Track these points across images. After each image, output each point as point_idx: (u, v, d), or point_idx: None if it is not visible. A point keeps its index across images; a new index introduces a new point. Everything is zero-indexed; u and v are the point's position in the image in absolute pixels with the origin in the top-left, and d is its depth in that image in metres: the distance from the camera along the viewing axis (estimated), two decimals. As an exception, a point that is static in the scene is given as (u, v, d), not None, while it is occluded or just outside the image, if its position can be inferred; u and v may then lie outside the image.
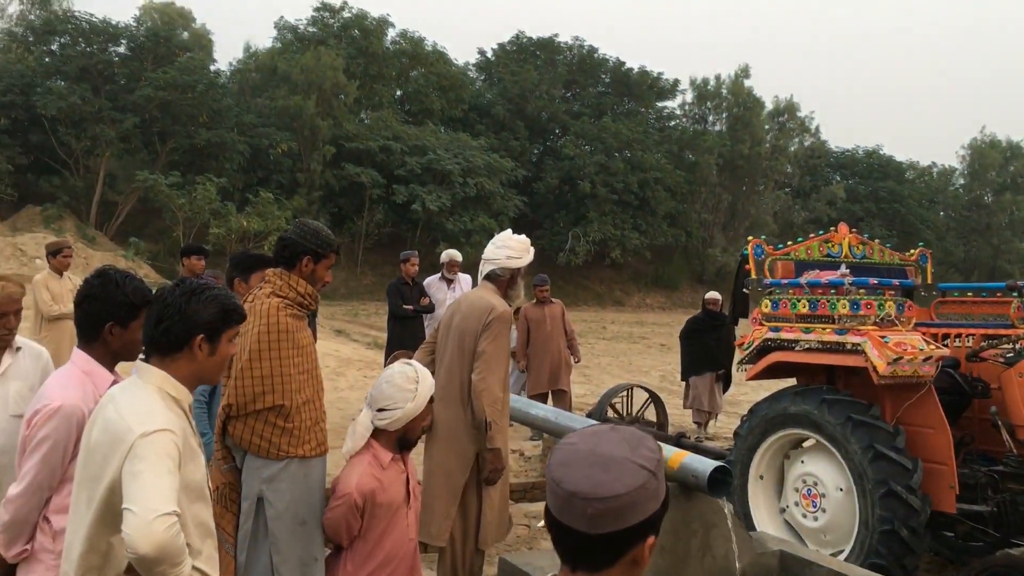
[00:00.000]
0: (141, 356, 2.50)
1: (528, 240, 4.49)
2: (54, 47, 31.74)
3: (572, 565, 1.42)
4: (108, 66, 30.83)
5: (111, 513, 2.26)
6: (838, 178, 50.95)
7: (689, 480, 3.84)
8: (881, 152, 52.27)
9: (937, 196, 53.66)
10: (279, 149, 32.18)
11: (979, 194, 54.68)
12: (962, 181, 56.24)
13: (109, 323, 2.72)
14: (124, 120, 29.64)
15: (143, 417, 2.28)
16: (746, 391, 15.11)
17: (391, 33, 39.03)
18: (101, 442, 2.30)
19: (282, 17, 39.02)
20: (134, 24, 32.54)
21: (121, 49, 31.97)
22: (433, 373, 4.43)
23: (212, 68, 35.13)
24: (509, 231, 4.57)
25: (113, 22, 31.75)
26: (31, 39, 32.21)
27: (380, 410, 3.22)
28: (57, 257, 7.91)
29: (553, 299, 10.00)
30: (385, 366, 6.04)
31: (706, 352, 10.10)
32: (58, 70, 30.47)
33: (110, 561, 2.35)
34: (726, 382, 10.34)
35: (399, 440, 3.31)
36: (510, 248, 4.39)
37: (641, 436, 1.46)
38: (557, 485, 1.39)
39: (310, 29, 37.51)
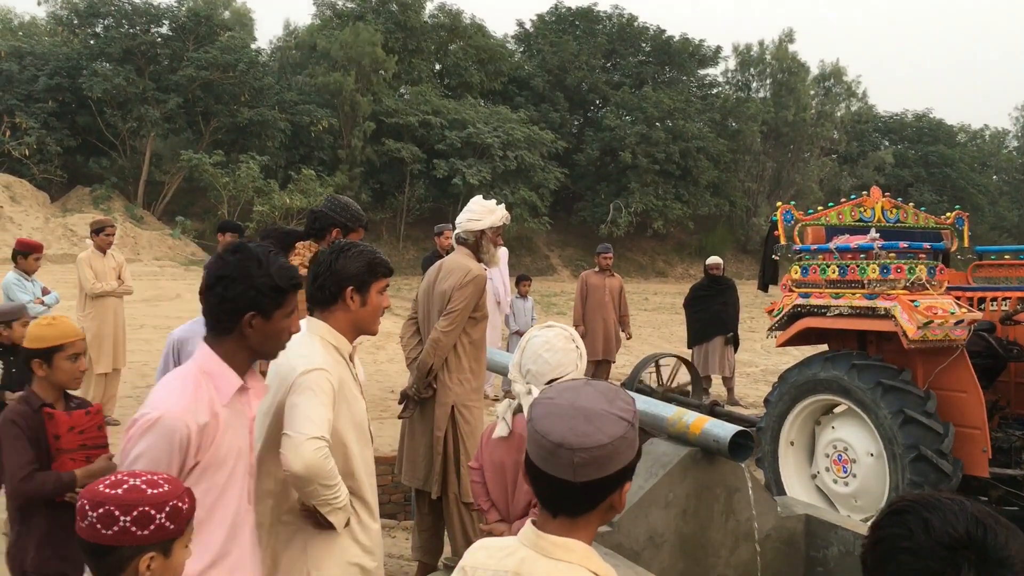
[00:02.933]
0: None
1: (493, 203, 4.64)
2: (98, 29, 32.17)
3: (554, 512, 1.50)
4: (151, 47, 31.19)
5: (277, 441, 2.56)
6: (886, 143, 49.85)
7: (711, 445, 3.86)
8: (931, 116, 50.98)
9: (989, 159, 52.27)
10: (320, 126, 32.36)
11: (1033, 156, 53.23)
12: (1015, 143, 54.74)
13: (249, 313, 2.22)
14: (168, 100, 30.01)
15: (304, 359, 2.58)
16: (761, 356, 15.04)
17: (429, 7, 38.93)
18: (272, 383, 2.61)
19: (321, -7, 39.02)
20: (175, 4, 32.85)
21: (164, 30, 32.30)
22: (419, 343, 4.58)
23: (253, 47, 35.37)
24: (478, 197, 4.70)
25: (155, 3, 32.09)
26: (76, 22, 32.65)
27: (551, 382, 2.90)
28: (100, 235, 8.09)
29: (615, 272, 10.06)
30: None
31: (714, 317, 10.10)
32: (102, 52, 30.91)
33: (285, 488, 2.63)
34: (735, 345, 10.34)
35: None
36: (471, 211, 4.57)
37: (616, 389, 1.52)
38: (543, 437, 1.46)
39: (348, 4, 37.53)
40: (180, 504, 1.80)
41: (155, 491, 1.77)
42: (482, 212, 4.57)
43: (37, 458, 3.13)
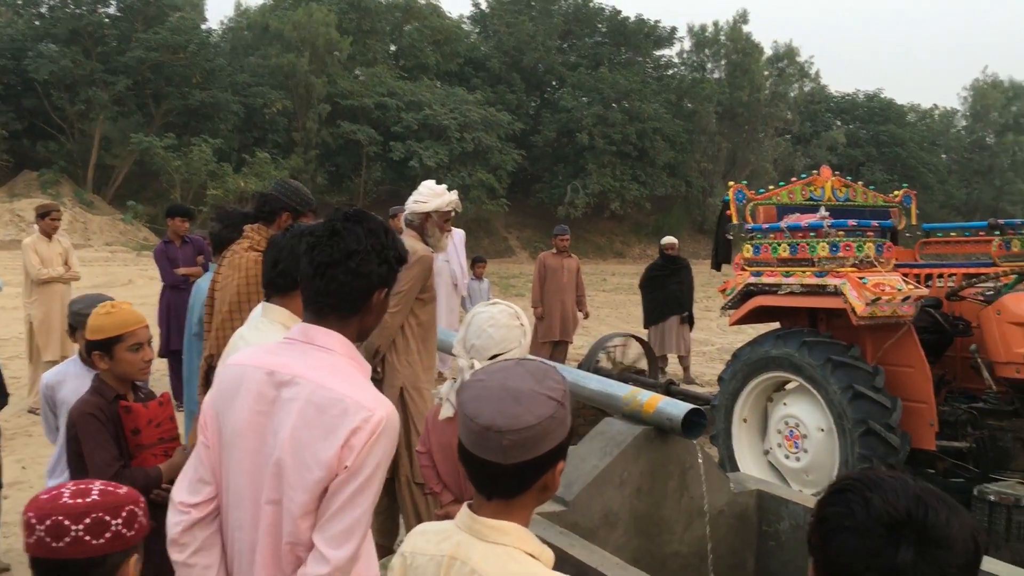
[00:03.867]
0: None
1: (443, 188, 4.62)
2: (43, 10, 31.42)
3: (487, 495, 1.49)
4: (98, 28, 30.51)
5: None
6: (839, 123, 50.50)
7: (664, 423, 3.89)
8: (882, 96, 51.74)
9: (939, 139, 53.23)
10: (274, 108, 31.99)
11: (981, 135, 54.25)
12: (964, 123, 55.78)
13: (381, 288, 1.99)
14: (117, 82, 29.41)
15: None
16: (717, 334, 15.23)
17: (384, -13, 38.57)
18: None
19: (273, -27, 38.39)
20: (123, -17, 32.17)
21: (111, 10, 31.61)
22: None
23: (204, 27, 34.75)
24: (429, 180, 4.70)
25: (101, -18, 31.39)
26: (20, 2, 31.86)
27: (493, 357, 2.89)
28: (45, 220, 7.92)
29: (572, 253, 10.08)
30: None
31: (669, 296, 10.17)
32: (48, 33, 30.17)
33: None
34: (690, 323, 10.44)
35: None
36: (419, 193, 4.57)
37: (546, 368, 1.51)
38: (472, 420, 1.44)
39: (301, -15, 37.04)
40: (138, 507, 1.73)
41: (121, 491, 1.71)
42: (429, 195, 4.56)
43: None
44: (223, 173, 28.68)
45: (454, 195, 4.69)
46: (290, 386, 1.87)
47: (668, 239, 10.65)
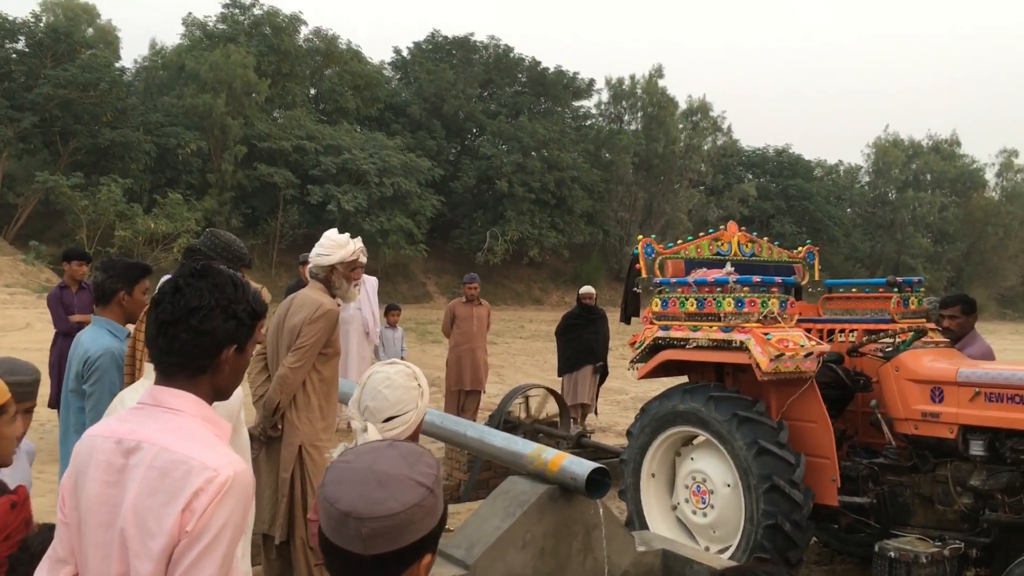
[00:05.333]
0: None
1: (345, 237, 4.56)
2: (-54, 43, 30.34)
3: None
4: (4, 63, 29.54)
5: None
6: (750, 176, 52.05)
7: (568, 482, 3.83)
8: (790, 151, 53.59)
9: (844, 193, 55.25)
10: (188, 149, 31.31)
11: (883, 191, 56.52)
12: (867, 179, 58.06)
13: (230, 346, 1.90)
14: (23, 119, 28.45)
15: None
16: (632, 384, 15.36)
17: (304, 31, 38.35)
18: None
19: (190, 13, 37.66)
20: (32, 20, 31.27)
21: (19, 45, 30.68)
22: (267, 379, 4.43)
23: (118, 65, 34.00)
24: (331, 231, 4.61)
25: (10, 18, 30.48)
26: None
27: (388, 419, 2.79)
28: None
29: (482, 300, 10.02)
30: None
31: (584, 346, 10.20)
32: (-49, 67, 29.15)
33: None
34: (603, 374, 10.48)
35: None
36: (321, 246, 4.50)
37: (420, 452, 1.42)
38: (331, 505, 1.34)
39: (219, 26, 36.53)
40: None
41: None
42: (331, 247, 4.46)
43: None
44: (132, 214, 27.86)
45: (358, 243, 4.60)
46: (136, 453, 1.77)
47: (586, 288, 10.71)
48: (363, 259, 4.63)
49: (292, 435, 4.25)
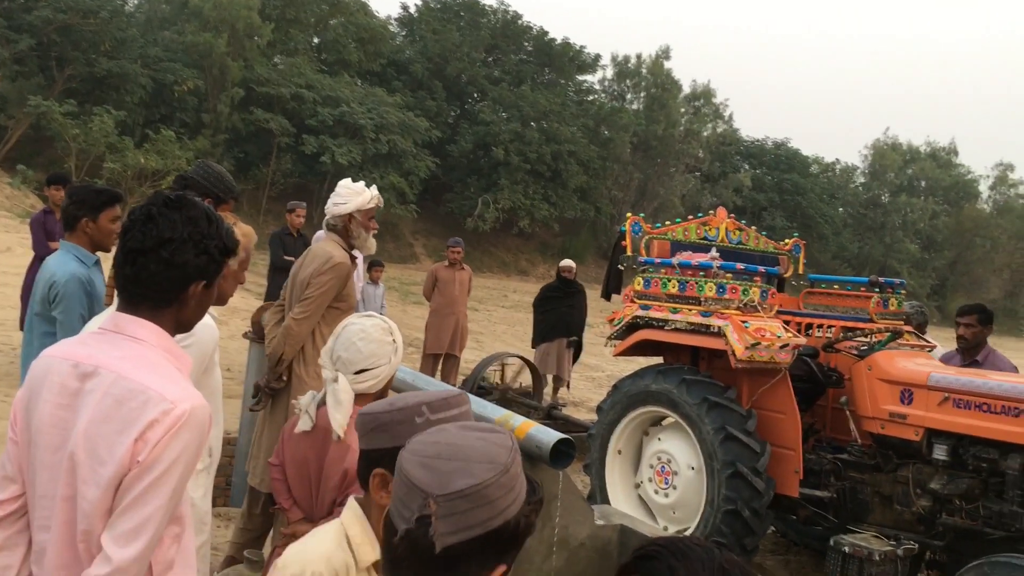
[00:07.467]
0: None
1: (361, 185, 4.45)
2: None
3: None
4: (5, -18, 29.12)
5: None
6: (747, 167, 51.92)
7: (533, 450, 3.83)
8: (789, 145, 53.51)
9: (838, 192, 55.30)
10: (185, 87, 30.92)
11: (877, 193, 56.61)
12: (862, 180, 58.14)
13: (198, 281, 1.87)
14: (19, 41, 28.00)
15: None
16: (608, 361, 15.42)
17: (312, -23, 37.89)
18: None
19: (198, -51, 37.21)
20: (36, -61, 30.74)
21: (21, -35, 30.19)
22: None
23: (120, -5, 33.48)
24: (346, 179, 4.53)
25: (13, -64, 29.93)
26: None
27: (360, 371, 2.78)
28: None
29: (465, 265, 9.99)
30: (252, 320, 5.84)
31: (559, 319, 10.22)
32: (-52, -19, 28.62)
33: None
34: (577, 350, 10.49)
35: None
36: (337, 195, 4.39)
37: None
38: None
39: (227, -35, 36.06)
40: None
41: None
42: (348, 194, 4.35)
43: None
44: (123, 147, 27.52)
45: (374, 191, 4.50)
46: (92, 377, 1.75)
47: (566, 262, 10.70)
48: (379, 206, 4.52)
49: (299, 389, 4.16)
